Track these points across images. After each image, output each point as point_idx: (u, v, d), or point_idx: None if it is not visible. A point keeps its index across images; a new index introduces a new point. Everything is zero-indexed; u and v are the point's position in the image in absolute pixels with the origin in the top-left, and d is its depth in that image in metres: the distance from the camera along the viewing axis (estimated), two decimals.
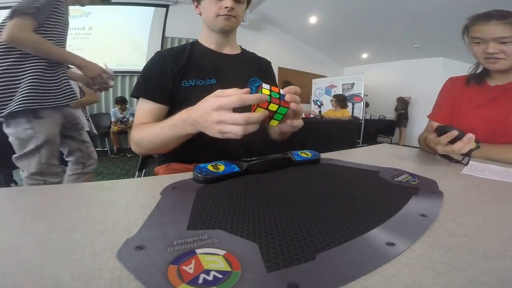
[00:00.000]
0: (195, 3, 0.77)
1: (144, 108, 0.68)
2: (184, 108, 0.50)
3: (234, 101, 0.40)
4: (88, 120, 2.17)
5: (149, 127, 0.61)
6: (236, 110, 0.42)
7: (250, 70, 0.82)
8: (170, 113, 0.76)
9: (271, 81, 0.88)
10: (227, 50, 0.80)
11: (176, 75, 0.70)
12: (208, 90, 0.45)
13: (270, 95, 0.43)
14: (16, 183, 1.86)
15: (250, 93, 0.43)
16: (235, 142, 0.46)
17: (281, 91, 0.46)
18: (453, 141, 0.58)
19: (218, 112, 0.42)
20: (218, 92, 0.43)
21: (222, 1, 0.70)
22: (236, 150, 0.73)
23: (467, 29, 0.79)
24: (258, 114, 0.41)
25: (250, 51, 0.89)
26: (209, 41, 0.78)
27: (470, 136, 0.57)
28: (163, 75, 0.69)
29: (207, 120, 0.43)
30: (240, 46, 0.86)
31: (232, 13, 0.71)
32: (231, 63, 0.78)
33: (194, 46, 0.77)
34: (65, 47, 1.15)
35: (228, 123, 0.41)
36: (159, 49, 3.54)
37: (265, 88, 0.44)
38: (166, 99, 0.69)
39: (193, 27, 3.65)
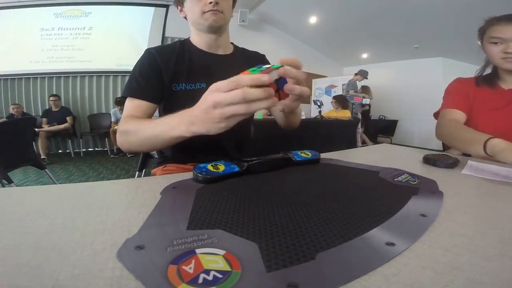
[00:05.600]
0: (179, 7, 0.75)
1: (135, 104, 0.66)
2: (175, 112, 0.48)
3: (235, 97, 0.36)
4: None
5: (143, 120, 0.61)
6: None
7: (241, 70, 0.79)
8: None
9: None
10: (220, 51, 0.77)
11: (166, 76, 0.69)
12: (199, 95, 0.42)
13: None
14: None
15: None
16: (231, 143, 0.43)
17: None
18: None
19: (216, 109, 0.38)
20: (214, 86, 0.39)
21: None
22: (231, 151, 0.73)
23: (484, 31, 0.81)
24: (257, 91, 0.36)
25: (246, 48, 0.86)
26: (200, 42, 0.75)
27: None
28: (154, 75, 0.68)
29: (207, 117, 0.40)
30: (232, 43, 0.83)
31: (218, 7, 0.68)
32: (222, 64, 0.75)
33: (184, 45, 0.75)
34: None
35: (225, 105, 0.37)
36: None
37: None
38: (157, 98, 0.69)
39: None
